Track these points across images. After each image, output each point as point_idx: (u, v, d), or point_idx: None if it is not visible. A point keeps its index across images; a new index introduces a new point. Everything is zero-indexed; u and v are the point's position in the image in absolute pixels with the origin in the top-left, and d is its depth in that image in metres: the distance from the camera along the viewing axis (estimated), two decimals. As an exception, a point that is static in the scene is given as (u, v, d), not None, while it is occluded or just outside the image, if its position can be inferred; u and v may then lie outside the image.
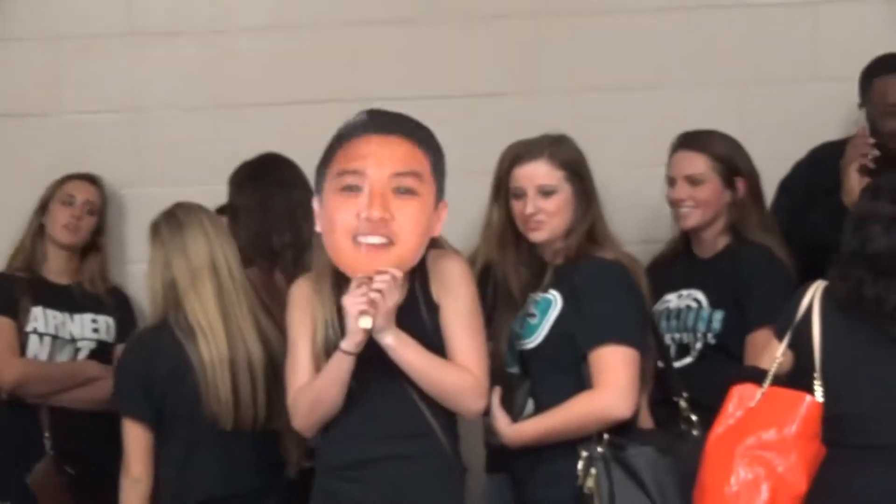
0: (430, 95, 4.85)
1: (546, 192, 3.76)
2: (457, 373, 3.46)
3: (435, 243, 3.53)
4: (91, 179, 4.88)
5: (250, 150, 4.56)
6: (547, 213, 3.75)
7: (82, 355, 4.73)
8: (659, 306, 4.17)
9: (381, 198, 3.38)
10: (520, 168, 3.80)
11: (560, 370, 3.66)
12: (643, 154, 4.67)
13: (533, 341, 3.71)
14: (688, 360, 4.11)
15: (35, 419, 4.57)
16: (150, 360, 3.89)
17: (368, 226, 3.37)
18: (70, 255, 4.82)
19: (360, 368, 3.40)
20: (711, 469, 3.50)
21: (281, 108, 4.99)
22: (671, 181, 4.22)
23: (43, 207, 4.81)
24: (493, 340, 3.83)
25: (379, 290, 3.33)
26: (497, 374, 3.67)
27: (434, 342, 3.46)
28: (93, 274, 4.83)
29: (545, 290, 3.74)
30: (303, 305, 3.54)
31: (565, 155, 3.78)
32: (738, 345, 4.03)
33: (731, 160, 4.18)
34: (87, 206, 4.83)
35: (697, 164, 4.18)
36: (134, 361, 3.95)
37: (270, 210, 4.35)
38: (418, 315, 3.48)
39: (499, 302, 3.93)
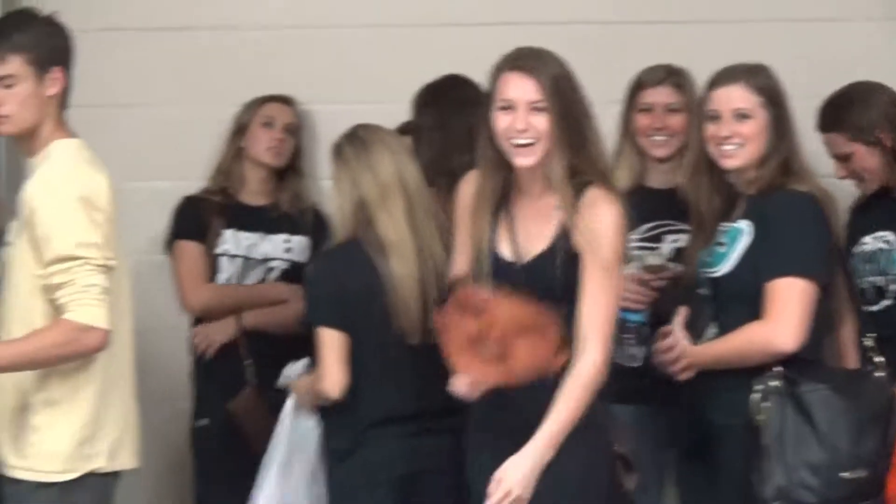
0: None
1: (741, 116, 3.74)
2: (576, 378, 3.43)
3: (601, 178, 3.50)
4: (287, 101, 4.87)
5: (429, 71, 4.57)
6: (742, 137, 3.73)
7: (273, 276, 4.77)
8: (856, 248, 4.17)
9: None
10: (716, 91, 3.80)
11: (745, 300, 3.67)
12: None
13: (720, 270, 3.73)
14: (885, 302, 4.11)
15: (233, 343, 4.63)
16: (341, 275, 3.91)
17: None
18: (268, 175, 4.83)
19: None
20: None
21: (460, 29, 4.99)
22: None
23: (241, 130, 4.81)
24: (684, 265, 3.96)
25: None
26: (686, 295, 3.76)
27: (558, 294, 3.44)
28: (291, 194, 4.83)
29: (735, 220, 3.76)
30: (464, 214, 3.62)
31: (762, 82, 3.78)
32: None
33: (869, 125, 4.17)
34: (287, 127, 4.83)
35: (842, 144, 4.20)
36: (326, 275, 3.98)
37: (450, 130, 4.30)
38: (552, 265, 3.47)
39: (691, 228, 3.96)
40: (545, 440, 3.39)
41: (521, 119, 3.48)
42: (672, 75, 4.35)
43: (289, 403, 4.13)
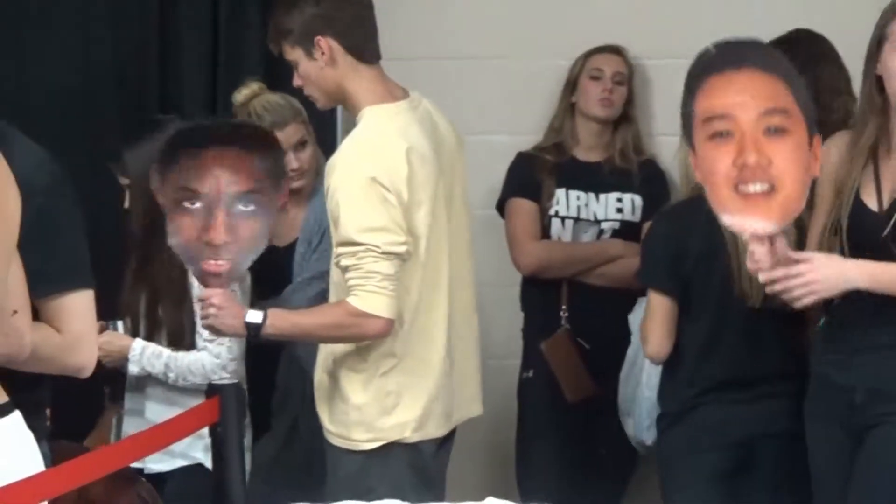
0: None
1: None
2: None
3: None
4: (616, 50, 4.81)
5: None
6: None
7: (605, 236, 4.73)
8: None
9: (754, 141, 3.16)
10: None
11: None
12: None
13: None
14: None
15: (556, 293, 4.63)
16: (682, 234, 3.85)
17: (748, 173, 3.17)
18: (602, 129, 4.77)
19: None
20: None
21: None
22: None
23: (571, 85, 4.78)
24: None
25: None
26: None
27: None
28: (625, 146, 4.77)
29: None
30: (828, 170, 3.49)
31: None
32: None
33: None
34: (617, 77, 4.77)
35: None
36: (665, 235, 3.93)
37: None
38: None
39: None
40: (872, 272, 3.37)
41: None
42: None
43: None
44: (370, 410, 3.59)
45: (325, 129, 4.59)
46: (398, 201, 3.52)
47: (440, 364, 3.65)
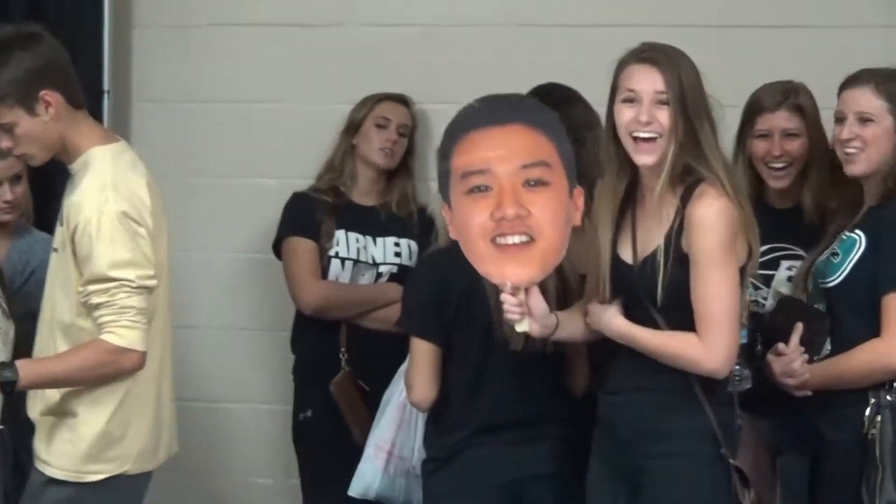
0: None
1: (864, 120, 3.66)
2: (676, 345, 3.42)
3: (715, 176, 3.44)
4: (404, 101, 4.82)
5: (548, 71, 4.45)
6: (862, 141, 3.65)
7: (383, 280, 4.71)
8: None
9: (513, 194, 3.23)
10: (844, 93, 3.73)
11: (859, 312, 3.61)
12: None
13: (834, 280, 3.66)
14: None
15: (333, 336, 4.60)
16: (443, 280, 3.83)
17: (505, 225, 3.24)
18: (379, 175, 4.77)
19: None
20: None
21: (579, 30, 4.91)
22: None
23: (354, 127, 4.77)
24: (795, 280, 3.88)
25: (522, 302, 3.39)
26: (803, 311, 3.70)
27: (657, 297, 3.42)
28: (400, 195, 4.78)
29: (852, 230, 3.67)
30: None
31: (893, 88, 3.68)
32: None
33: None
34: (402, 128, 4.78)
35: None
36: (426, 281, 3.91)
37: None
38: (655, 266, 3.43)
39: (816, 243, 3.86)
40: (632, 331, 3.43)
41: (646, 111, 3.42)
42: (790, 96, 4.14)
43: None
44: (95, 442, 3.57)
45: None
46: (147, 233, 3.53)
47: (161, 398, 3.69)
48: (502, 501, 3.79)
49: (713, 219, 3.38)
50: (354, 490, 4.11)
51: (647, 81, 3.43)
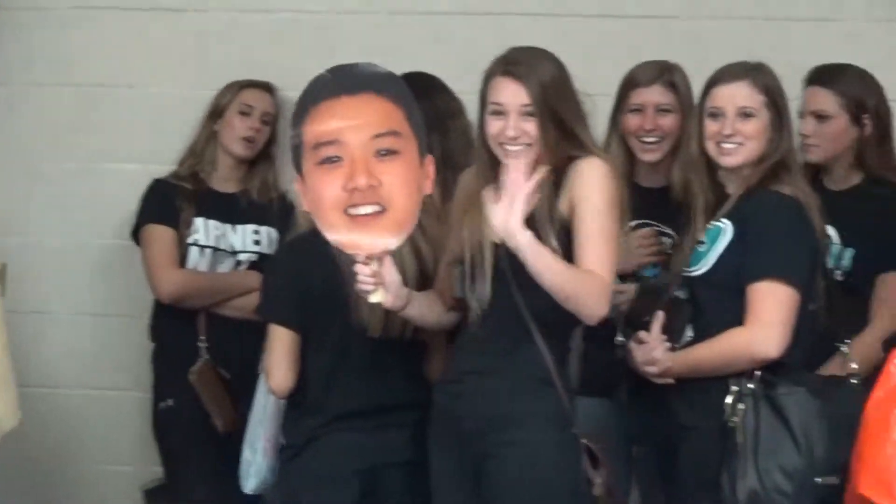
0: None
1: (745, 115, 3.69)
2: (582, 276, 3.42)
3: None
4: (268, 88, 4.78)
5: (415, 60, 4.44)
6: (744, 136, 3.68)
7: (242, 268, 4.68)
8: None
9: (364, 164, 3.25)
10: (719, 88, 3.73)
11: (723, 301, 3.63)
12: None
13: (700, 269, 3.68)
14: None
15: (192, 324, 4.57)
16: (303, 266, 3.81)
17: (357, 196, 3.26)
18: (240, 162, 4.74)
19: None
20: (869, 433, 3.35)
21: (448, 18, 4.91)
22: (801, 115, 4.15)
23: (217, 113, 4.73)
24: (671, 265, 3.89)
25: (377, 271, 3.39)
26: (664, 299, 3.72)
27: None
28: (261, 182, 4.75)
29: (718, 219, 3.69)
30: (458, 214, 3.58)
31: (766, 81, 3.72)
32: (868, 284, 4.03)
33: (860, 97, 4.13)
34: (265, 116, 4.74)
35: (825, 100, 4.14)
36: (285, 268, 3.89)
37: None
38: (538, 232, 3.43)
39: (681, 228, 3.89)
40: (538, 250, 3.37)
41: (513, 125, 3.47)
42: (665, 73, 4.22)
43: None
44: None
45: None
46: None
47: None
48: (358, 488, 3.78)
49: (600, 177, 3.46)
50: (250, 487, 4.06)
51: (512, 96, 3.49)
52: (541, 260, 3.37)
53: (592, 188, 3.46)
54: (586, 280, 3.41)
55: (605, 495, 3.51)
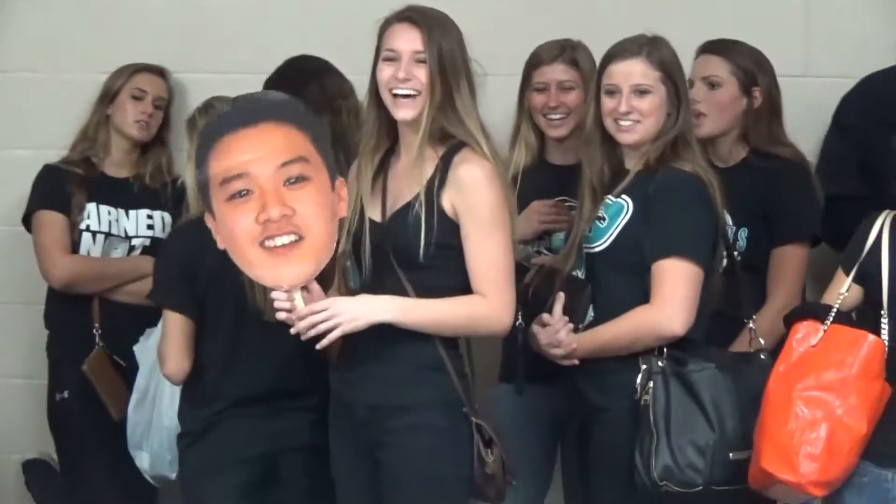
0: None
1: (641, 92, 3.67)
2: (467, 307, 3.43)
3: (474, 143, 3.47)
4: (161, 73, 4.75)
5: (309, 41, 4.48)
6: (640, 113, 3.67)
7: (136, 253, 4.65)
8: None
9: (275, 194, 3.25)
10: (615, 65, 3.71)
11: (623, 277, 3.63)
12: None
13: (600, 245, 3.67)
14: None
15: (86, 311, 4.54)
16: (195, 251, 3.77)
17: (272, 227, 3.25)
18: (133, 147, 4.70)
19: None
20: (771, 408, 3.42)
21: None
22: (690, 83, 4.08)
23: (109, 97, 4.68)
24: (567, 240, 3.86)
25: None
26: (563, 279, 3.70)
27: (416, 253, 3.41)
28: (154, 167, 4.71)
29: (618, 196, 3.68)
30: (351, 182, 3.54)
31: (662, 56, 3.70)
32: (764, 261, 4.08)
33: (751, 69, 4.17)
34: (158, 100, 4.71)
35: (717, 66, 4.18)
36: (177, 253, 3.86)
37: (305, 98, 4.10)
38: (410, 221, 3.42)
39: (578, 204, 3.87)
40: (402, 306, 3.39)
41: (405, 69, 3.45)
42: (567, 51, 4.26)
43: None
44: None
45: None
46: None
47: None
48: (259, 474, 3.78)
49: (485, 181, 3.43)
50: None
51: (407, 41, 3.47)
52: (424, 311, 3.43)
53: (476, 199, 3.42)
54: (476, 306, 3.43)
55: (499, 472, 3.50)
